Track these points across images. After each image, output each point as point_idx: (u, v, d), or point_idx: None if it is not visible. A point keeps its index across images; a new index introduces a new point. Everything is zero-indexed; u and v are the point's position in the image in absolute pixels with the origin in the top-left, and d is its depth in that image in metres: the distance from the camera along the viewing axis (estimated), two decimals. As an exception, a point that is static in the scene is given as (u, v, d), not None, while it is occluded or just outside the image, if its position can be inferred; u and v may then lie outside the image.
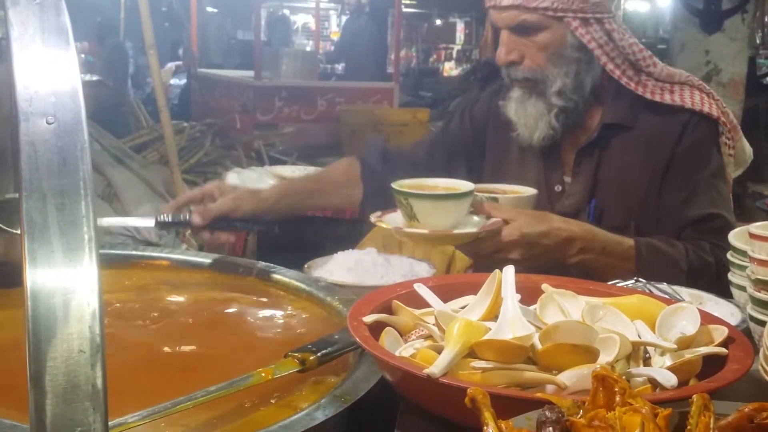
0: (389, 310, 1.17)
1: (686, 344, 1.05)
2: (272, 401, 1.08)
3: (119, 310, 1.43)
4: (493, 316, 1.09)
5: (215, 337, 1.37)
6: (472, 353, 0.98)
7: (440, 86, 11.78)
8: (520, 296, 1.11)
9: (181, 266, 1.67)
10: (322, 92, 7.35)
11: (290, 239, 1.82)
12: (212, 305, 1.52)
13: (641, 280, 1.47)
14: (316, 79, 8.03)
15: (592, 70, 1.87)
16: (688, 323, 1.08)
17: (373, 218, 1.70)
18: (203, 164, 5.81)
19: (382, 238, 2.39)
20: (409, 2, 15.97)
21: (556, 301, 1.12)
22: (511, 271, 1.14)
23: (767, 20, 10.81)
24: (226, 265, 1.66)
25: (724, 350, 1.04)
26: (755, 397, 0.85)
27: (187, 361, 1.27)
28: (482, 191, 1.75)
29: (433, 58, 17.74)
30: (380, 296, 1.20)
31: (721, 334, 1.07)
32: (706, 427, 0.75)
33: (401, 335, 1.12)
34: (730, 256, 1.39)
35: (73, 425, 0.52)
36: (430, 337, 1.09)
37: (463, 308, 1.14)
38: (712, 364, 1.02)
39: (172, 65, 11.53)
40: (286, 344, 1.18)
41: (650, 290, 1.42)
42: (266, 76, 7.29)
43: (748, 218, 1.76)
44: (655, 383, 0.97)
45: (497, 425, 0.76)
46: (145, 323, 1.39)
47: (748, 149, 2.01)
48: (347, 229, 2.14)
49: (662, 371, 0.98)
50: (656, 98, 1.87)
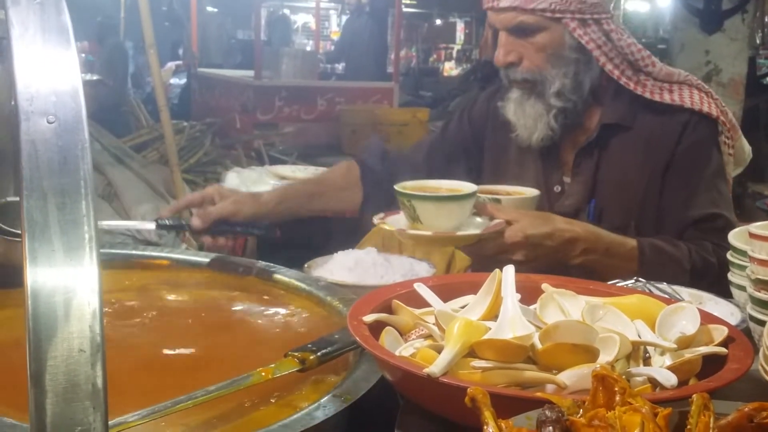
0: (389, 309, 1.17)
1: (686, 344, 1.05)
2: (272, 400, 1.08)
3: (119, 309, 1.43)
4: (493, 315, 1.09)
5: (215, 336, 1.37)
6: (472, 353, 0.98)
7: (440, 86, 11.79)
8: (520, 296, 1.11)
9: (181, 266, 1.67)
10: (322, 92, 7.35)
11: (290, 239, 1.82)
12: (212, 305, 1.52)
13: (641, 279, 1.47)
14: (316, 78, 8.03)
15: (590, 70, 1.87)
16: (688, 323, 1.08)
17: (376, 220, 1.70)
18: (203, 164, 5.81)
19: (381, 237, 2.38)
20: (409, 2, 15.96)
21: (556, 300, 1.12)
22: (511, 270, 1.14)
23: (767, 20, 10.82)
24: (226, 264, 1.66)
25: (723, 350, 1.04)
26: (755, 396, 0.85)
27: (187, 360, 1.27)
28: (485, 192, 1.75)
29: (433, 57, 17.74)
30: (380, 296, 1.20)
31: (720, 333, 1.07)
32: (705, 426, 0.75)
33: (401, 335, 1.12)
34: (729, 255, 1.39)
35: (73, 424, 0.52)
36: (430, 336, 1.09)
37: (463, 308, 1.14)
38: (711, 363, 1.02)
39: (172, 65, 11.53)
40: (286, 344, 1.18)
41: (650, 290, 1.42)
42: (266, 75, 7.29)
43: (748, 218, 1.76)
44: (655, 383, 0.97)
45: (497, 424, 0.76)
46: (145, 323, 1.39)
47: (747, 148, 2.01)
48: (347, 228, 2.14)
49: (662, 371, 0.99)
50: (655, 98, 1.87)
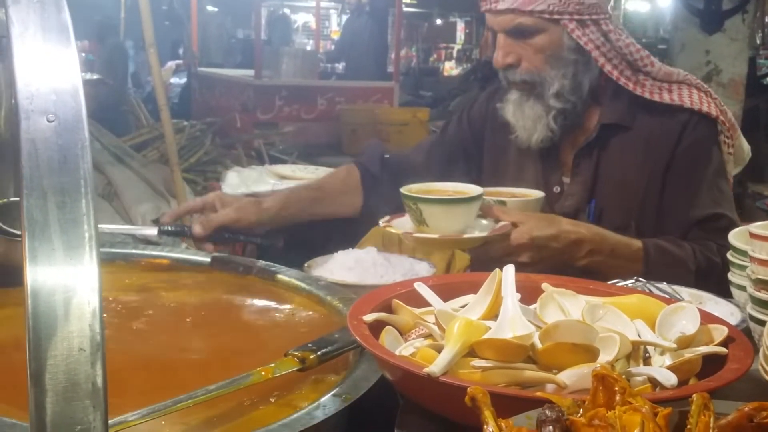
0: (389, 309, 1.17)
1: (686, 344, 1.05)
2: (272, 400, 1.08)
3: (119, 308, 1.43)
4: (493, 315, 1.09)
5: (215, 335, 1.37)
6: (472, 352, 0.98)
7: (440, 86, 11.79)
8: (520, 295, 1.11)
9: (181, 265, 1.67)
10: (322, 91, 7.36)
11: (290, 238, 1.82)
12: (212, 304, 1.52)
13: (641, 279, 1.47)
14: (316, 78, 8.04)
15: (589, 71, 1.87)
16: (688, 323, 1.08)
17: (381, 223, 1.70)
18: (203, 163, 5.81)
19: (381, 237, 2.38)
20: (409, 2, 15.96)
21: (556, 300, 1.12)
22: (511, 270, 1.14)
23: (767, 20, 10.82)
24: (226, 264, 1.65)
25: (723, 350, 1.04)
26: (755, 396, 0.85)
27: (186, 359, 1.27)
28: (490, 195, 1.74)
29: (433, 57, 17.74)
30: (380, 295, 1.20)
31: (720, 333, 1.07)
32: (705, 426, 0.75)
33: (401, 334, 1.12)
34: (730, 255, 1.39)
35: (73, 423, 0.52)
36: (430, 336, 1.09)
37: (463, 307, 1.14)
38: (711, 363, 1.02)
39: (172, 64, 11.54)
40: (286, 343, 1.17)
41: (650, 290, 1.42)
42: (266, 75, 7.29)
43: (748, 218, 1.76)
44: (655, 382, 0.97)
45: (497, 424, 0.76)
46: (145, 322, 1.39)
47: (746, 147, 2.01)
48: (347, 228, 2.14)
49: (662, 370, 0.99)
50: (654, 98, 1.87)
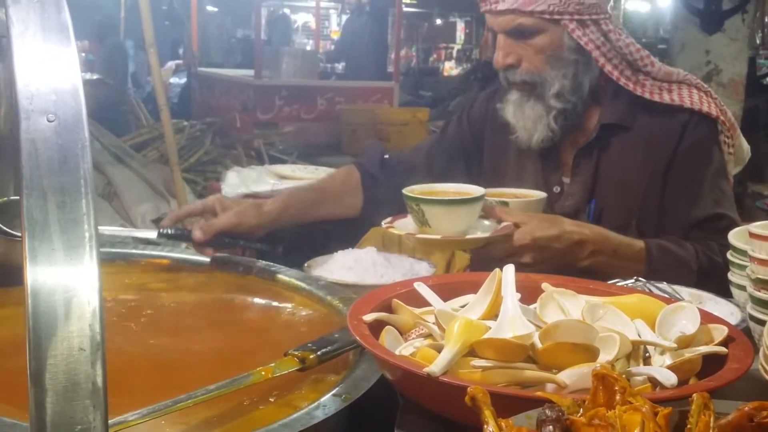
0: (389, 308, 1.17)
1: (686, 343, 1.05)
2: (272, 400, 1.08)
3: (119, 308, 1.43)
4: (493, 314, 1.09)
5: (215, 335, 1.37)
6: (472, 352, 0.98)
7: (440, 86, 11.79)
8: (520, 295, 1.11)
9: (181, 265, 1.67)
10: (322, 91, 7.35)
11: (290, 244, 1.81)
12: (212, 304, 1.52)
13: (641, 279, 1.47)
14: (316, 78, 8.04)
15: (589, 71, 1.86)
16: (688, 322, 1.08)
17: (384, 224, 1.69)
18: (203, 163, 5.81)
19: (381, 237, 2.39)
20: (409, 2, 15.96)
21: (556, 300, 1.12)
22: (511, 270, 1.14)
23: (767, 20, 10.82)
24: (226, 263, 1.66)
25: (723, 349, 1.04)
26: (755, 396, 0.85)
27: (187, 359, 1.27)
28: (492, 195, 1.74)
29: (433, 57, 17.74)
30: (380, 295, 1.20)
31: (720, 333, 1.07)
32: (706, 426, 0.75)
33: (401, 334, 1.12)
34: (730, 255, 1.39)
35: (73, 423, 0.52)
36: (430, 335, 1.09)
37: (463, 307, 1.14)
38: (712, 363, 1.02)
39: (172, 64, 11.54)
40: (286, 343, 1.17)
41: (650, 289, 1.42)
42: (266, 75, 7.29)
43: (748, 218, 1.76)
44: (655, 382, 0.97)
45: (497, 424, 0.76)
46: (145, 322, 1.39)
47: (746, 147, 2.01)
48: (347, 228, 2.14)
49: (662, 370, 0.99)
50: (655, 98, 1.86)
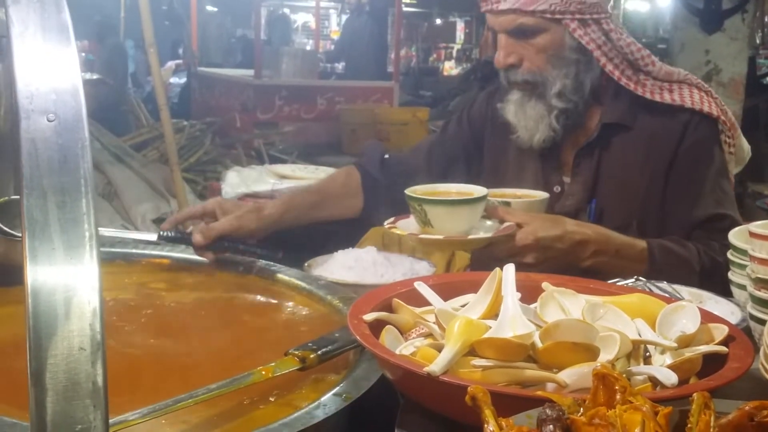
0: (389, 308, 1.17)
1: (686, 343, 1.05)
2: (272, 399, 1.08)
3: (119, 307, 1.43)
4: (493, 314, 1.09)
5: (215, 335, 1.37)
6: (472, 351, 0.98)
7: (440, 85, 11.79)
8: (520, 294, 1.11)
9: (181, 264, 1.67)
10: (322, 91, 7.36)
11: (290, 241, 1.81)
12: (212, 303, 1.52)
13: (641, 278, 1.47)
14: (316, 78, 8.04)
15: (591, 70, 1.86)
16: (688, 322, 1.08)
17: (386, 224, 1.69)
18: (203, 163, 5.82)
19: (381, 236, 2.39)
20: (409, 1, 15.95)
21: (556, 299, 1.12)
22: (511, 269, 1.14)
23: (767, 20, 10.82)
24: (226, 263, 1.66)
25: (724, 349, 1.04)
26: (755, 395, 0.85)
27: (187, 359, 1.27)
28: (494, 196, 1.74)
29: (433, 57, 17.73)
30: (380, 294, 1.20)
31: (721, 332, 1.07)
32: (706, 425, 0.75)
33: (401, 333, 1.12)
34: (730, 254, 1.38)
35: (73, 423, 0.52)
36: (430, 335, 1.09)
37: (463, 306, 1.14)
38: (712, 362, 1.02)
39: (172, 64, 11.55)
40: (286, 342, 1.18)
41: (650, 289, 1.42)
42: (266, 74, 7.30)
43: (748, 218, 1.76)
44: (655, 381, 0.97)
45: (497, 423, 0.76)
46: (145, 321, 1.39)
47: (746, 146, 2.01)
48: (347, 228, 2.14)
49: (662, 369, 0.98)
50: (656, 98, 1.86)
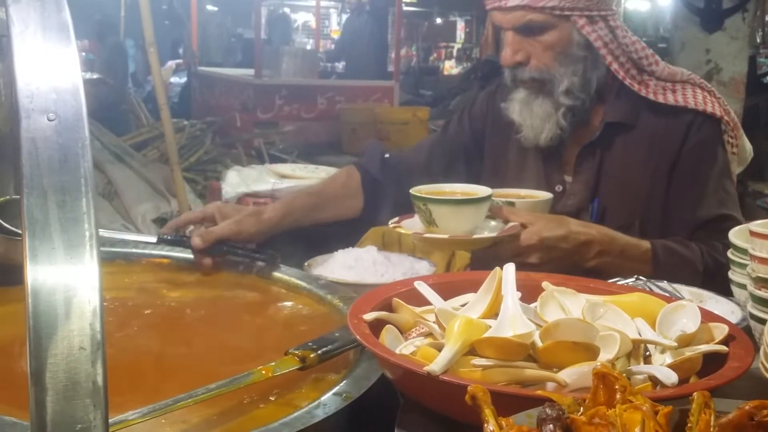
0: (389, 307, 1.17)
1: (686, 342, 1.05)
2: (272, 399, 1.08)
3: (119, 307, 1.43)
4: (493, 313, 1.09)
5: (215, 334, 1.37)
6: (472, 351, 0.98)
7: (440, 85, 11.80)
8: (520, 294, 1.11)
9: (181, 264, 1.67)
10: (322, 90, 7.37)
11: (290, 244, 1.81)
12: (212, 303, 1.52)
13: (641, 278, 1.47)
14: (316, 77, 8.05)
15: (597, 68, 1.86)
16: (688, 321, 1.08)
17: (391, 224, 1.69)
18: (203, 162, 5.82)
19: (381, 236, 2.39)
20: (409, 1, 15.96)
21: (556, 298, 1.12)
22: (511, 268, 1.14)
23: (767, 19, 10.81)
24: (226, 263, 1.65)
25: (724, 348, 1.04)
26: (756, 394, 0.85)
27: (187, 358, 1.27)
28: (498, 196, 1.74)
29: (433, 56, 17.73)
30: (380, 294, 1.20)
31: (721, 331, 1.07)
32: (706, 424, 0.75)
33: (401, 333, 1.12)
34: (730, 254, 1.38)
35: (73, 422, 0.52)
36: (430, 334, 1.09)
37: (463, 306, 1.14)
38: (712, 361, 1.02)
39: (172, 63, 11.55)
40: (286, 342, 1.18)
41: (650, 288, 1.42)
42: (266, 74, 7.30)
43: (748, 217, 1.76)
44: (655, 381, 0.97)
45: (497, 422, 0.76)
46: (145, 321, 1.39)
47: (748, 147, 2.01)
48: (347, 227, 2.13)
49: (663, 369, 0.98)
50: (659, 99, 1.86)
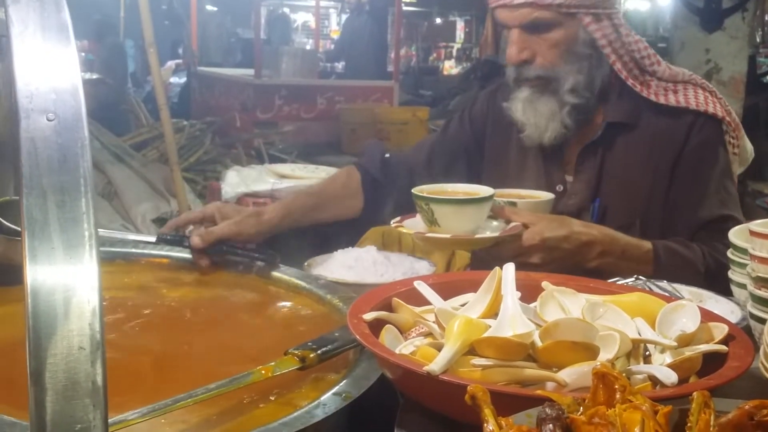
0: (389, 307, 1.17)
1: (686, 342, 1.05)
2: (272, 398, 1.08)
3: (119, 307, 1.43)
4: (493, 313, 1.09)
5: (215, 334, 1.37)
6: (472, 350, 0.98)
7: (440, 85, 11.80)
8: (520, 294, 1.11)
9: (181, 264, 1.67)
10: (321, 91, 7.37)
11: (289, 244, 1.81)
12: (212, 303, 1.52)
13: (641, 277, 1.47)
14: (316, 77, 8.04)
15: (601, 67, 1.85)
16: (688, 321, 1.08)
17: (392, 223, 1.69)
18: (203, 162, 5.82)
19: (381, 236, 2.38)
20: (409, 1, 15.96)
21: (556, 298, 1.12)
22: (511, 268, 1.14)
23: (767, 19, 10.81)
24: (226, 262, 1.65)
25: (724, 348, 1.04)
26: (755, 394, 0.85)
27: (186, 358, 1.27)
28: (500, 196, 1.74)
29: (433, 56, 17.73)
30: (380, 294, 1.20)
31: (721, 331, 1.07)
32: (706, 424, 0.75)
33: (401, 333, 1.12)
34: (730, 253, 1.38)
35: (73, 422, 0.52)
36: (430, 334, 1.09)
37: (463, 306, 1.14)
38: (712, 361, 1.02)
39: (172, 63, 11.56)
40: (286, 342, 1.18)
41: (650, 288, 1.42)
42: (266, 74, 7.30)
43: (748, 216, 1.76)
44: (655, 380, 0.97)
45: (497, 422, 0.76)
46: (144, 320, 1.39)
47: (749, 147, 2.00)
48: (347, 227, 2.13)
49: (662, 368, 0.98)
50: (660, 100, 1.86)
